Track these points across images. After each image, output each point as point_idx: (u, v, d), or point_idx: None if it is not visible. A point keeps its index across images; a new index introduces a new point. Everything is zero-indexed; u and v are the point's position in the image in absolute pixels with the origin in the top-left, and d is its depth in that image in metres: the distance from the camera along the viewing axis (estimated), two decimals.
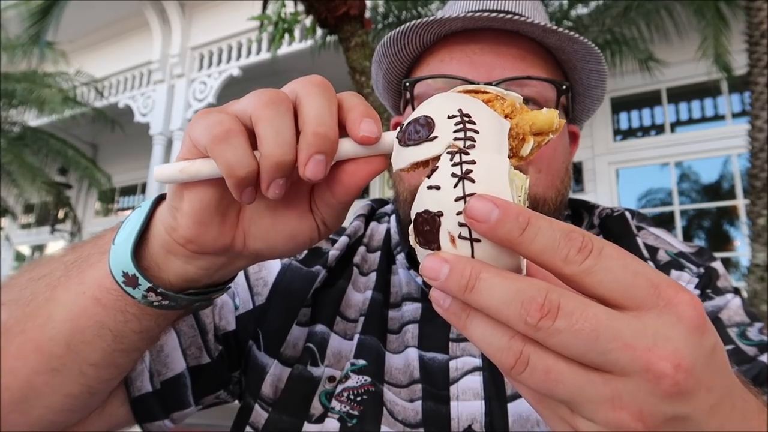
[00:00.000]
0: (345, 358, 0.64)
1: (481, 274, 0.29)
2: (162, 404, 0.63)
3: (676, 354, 0.27)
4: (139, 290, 0.44)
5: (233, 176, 0.37)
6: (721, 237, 5.74)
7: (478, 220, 0.29)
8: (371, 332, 0.65)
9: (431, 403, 0.60)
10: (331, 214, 0.44)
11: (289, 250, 0.45)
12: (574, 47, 0.68)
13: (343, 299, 0.70)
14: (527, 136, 0.36)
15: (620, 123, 5.93)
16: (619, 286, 0.28)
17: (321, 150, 0.36)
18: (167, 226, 0.43)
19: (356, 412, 0.59)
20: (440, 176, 0.31)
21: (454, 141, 0.33)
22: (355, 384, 0.61)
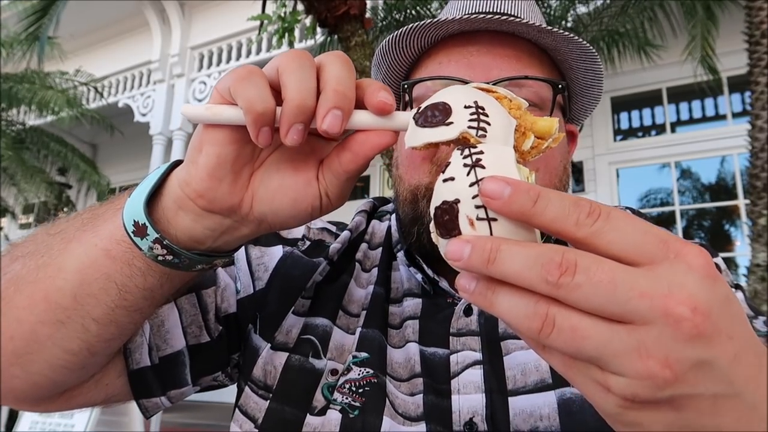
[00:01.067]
0: (347, 352, 0.65)
1: (501, 246, 0.30)
2: (159, 380, 0.63)
3: (691, 298, 0.27)
4: (146, 241, 0.46)
5: (252, 111, 0.40)
6: (721, 237, 5.73)
7: (493, 198, 0.31)
8: (373, 326, 0.66)
9: (432, 396, 0.61)
10: (335, 184, 0.46)
11: (291, 217, 0.47)
12: (569, 47, 0.69)
13: (345, 294, 0.70)
14: (528, 132, 0.40)
15: (620, 123, 5.93)
16: (629, 243, 0.29)
17: (339, 106, 0.40)
18: (181, 181, 0.46)
19: (358, 403, 0.60)
20: (453, 169, 0.34)
21: (468, 129, 0.36)
22: (357, 376, 0.62)
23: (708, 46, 4.05)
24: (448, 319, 0.66)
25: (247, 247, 0.71)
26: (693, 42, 4.13)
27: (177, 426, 5.12)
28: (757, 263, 3.14)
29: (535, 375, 0.60)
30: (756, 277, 3.13)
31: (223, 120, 0.43)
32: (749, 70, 3.37)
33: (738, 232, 5.48)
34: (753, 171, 3.25)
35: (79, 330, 0.50)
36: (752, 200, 3.24)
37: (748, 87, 3.42)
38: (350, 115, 0.41)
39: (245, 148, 0.45)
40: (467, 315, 0.66)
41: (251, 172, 0.47)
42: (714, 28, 4.07)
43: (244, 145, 0.45)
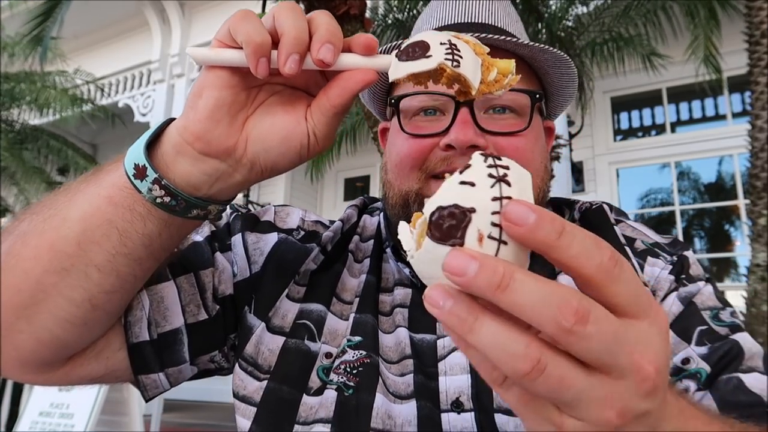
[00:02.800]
0: (341, 336, 0.69)
1: (516, 274, 0.28)
2: (158, 356, 0.65)
3: (656, 358, 0.30)
4: (146, 182, 0.50)
5: (251, 42, 0.45)
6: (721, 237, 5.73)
7: (516, 223, 0.29)
8: (366, 311, 0.71)
9: (421, 376, 0.65)
10: (322, 122, 0.50)
11: (281, 154, 0.51)
12: (545, 57, 0.74)
13: (339, 282, 0.75)
14: (492, 66, 0.46)
15: (620, 123, 5.93)
16: (632, 296, 0.30)
17: (331, 41, 0.46)
18: (180, 127, 0.50)
19: (352, 383, 0.64)
20: (475, 174, 0.31)
21: (444, 60, 0.42)
22: (351, 358, 0.66)
23: (711, 45, 4.05)
24: None
25: (244, 234, 0.75)
26: (696, 42, 4.13)
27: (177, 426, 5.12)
28: (757, 263, 3.14)
29: None
30: (756, 277, 3.13)
31: (224, 60, 0.48)
32: (749, 70, 3.37)
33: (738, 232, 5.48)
34: (753, 171, 3.25)
35: (81, 278, 0.52)
36: (752, 200, 3.24)
37: (748, 87, 3.42)
38: (340, 51, 0.47)
39: (241, 94, 0.50)
40: None
41: (246, 118, 0.51)
42: (717, 27, 4.07)
43: (240, 91, 0.49)
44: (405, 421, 0.62)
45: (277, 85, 0.53)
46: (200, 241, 0.73)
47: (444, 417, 0.62)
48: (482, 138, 0.67)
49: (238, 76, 0.49)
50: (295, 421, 0.64)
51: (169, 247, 0.57)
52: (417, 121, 0.73)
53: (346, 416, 0.62)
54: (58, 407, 3.30)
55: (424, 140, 0.70)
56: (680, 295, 0.69)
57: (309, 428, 0.63)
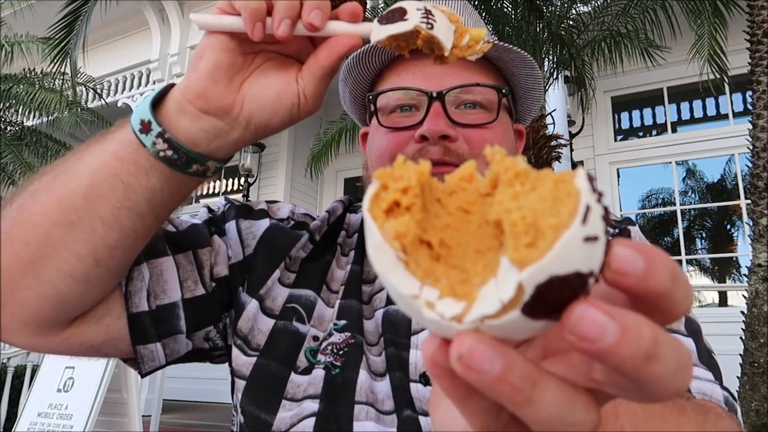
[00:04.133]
0: (327, 321, 0.75)
1: (660, 336, 0.21)
2: (155, 326, 0.69)
3: None
4: (150, 136, 0.54)
5: (248, 7, 0.50)
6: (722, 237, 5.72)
7: (626, 274, 0.22)
8: (350, 297, 0.76)
9: (392, 349, 0.70)
10: (311, 82, 0.54)
11: (274, 112, 0.55)
12: (510, 56, 0.81)
13: (328, 272, 0.80)
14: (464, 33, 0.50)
15: (621, 123, 5.92)
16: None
17: (320, 7, 0.50)
18: (182, 87, 0.55)
19: (339, 363, 0.70)
20: (595, 220, 0.22)
21: (420, 23, 0.47)
22: (338, 340, 0.72)
23: (716, 43, 4.03)
24: None
25: (237, 220, 0.79)
26: (700, 41, 4.11)
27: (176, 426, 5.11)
28: (758, 263, 3.13)
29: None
30: (757, 277, 3.11)
31: (224, 25, 0.53)
32: (751, 70, 3.36)
33: (739, 232, 5.47)
34: (754, 171, 3.24)
35: (87, 231, 0.56)
36: (753, 200, 3.23)
37: (750, 86, 3.41)
38: (328, 17, 0.51)
39: (238, 58, 0.54)
40: None
41: (243, 80, 0.56)
42: (721, 26, 4.05)
43: (238, 55, 0.54)
44: (385, 396, 0.67)
45: (272, 53, 0.58)
46: (199, 224, 0.78)
47: (413, 386, 0.67)
48: (453, 129, 0.74)
49: (236, 40, 0.53)
50: (282, 396, 0.69)
51: (169, 204, 0.60)
52: (394, 117, 0.79)
53: (333, 392, 0.68)
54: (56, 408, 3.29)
55: (400, 133, 0.77)
56: None
57: (298, 404, 0.68)
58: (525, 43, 4.23)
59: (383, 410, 0.66)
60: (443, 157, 0.74)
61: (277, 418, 0.67)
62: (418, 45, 0.50)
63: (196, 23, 0.53)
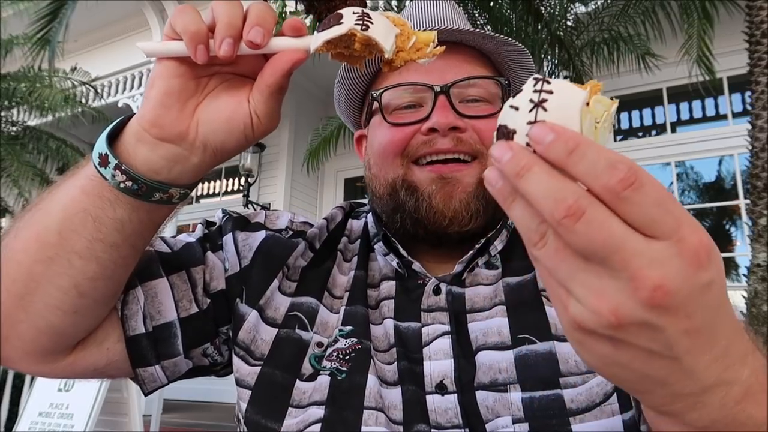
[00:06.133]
0: (332, 328, 0.74)
1: (534, 167, 0.33)
2: (153, 348, 0.70)
3: (663, 277, 0.31)
4: (109, 169, 0.55)
5: (187, 32, 0.50)
6: (721, 237, 5.73)
7: (537, 142, 0.34)
8: (356, 303, 0.75)
9: (406, 362, 0.69)
10: (260, 101, 0.54)
11: (227, 133, 0.56)
12: (508, 49, 0.81)
13: (330, 278, 0.80)
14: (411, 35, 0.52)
15: (621, 123, 5.92)
16: (645, 217, 0.32)
17: (261, 24, 0.51)
18: (138, 117, 0.56)
19: (345, 368, 0.69)
20: (521, 99, 0.37)
21: (354, 25, 0.48)
22: (343, 345, 0.71)
23: (705, 45, 4.03)
24: (420, 297, 0.75)
25: (234, 233, 0.80)
26: (689, 41, 4.12)
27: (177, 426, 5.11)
28: (757, 263, 3.14)
29: (497, 338, 0.69)
30: (756, 277, 3.12)
31: (170, 51, 0.53)
32: (749, 70, 3.36)
33: (738, 232, 5.48)
34: (753, 171, 3.25)
35: (65, 265, 0.57)
36: (752, 200, 3.24)
37: (749, 87, 3.41)
38: (270, 34, 0.52)
39: (190, 82, 0.55)
40: (436, 294, 0.75)
41: (197, 104, 0.56)
42: (710, 27, 4.05)
43: (189, 80, 0.54)
44: (391, 404, 0.66)
45: (226, 74, 0.58)
46: (192, 242, 0.79)
47: (429, 399, 0.67)
48: (461, 121, 0.74)
49: (186, 65, 0.54)
50: (289, 403, 0.68)
51: (142, 233, 0.60)
52: (398, 114, 0.78)
53: (340, 397, 0.67)
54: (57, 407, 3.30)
55: (405, 128, 0.76)
56: None
57: (304, 411, 0.67)
58: (524, 43, 4.24)
59: (394, 419, 0.65)
60: (455, 147, 0.73)
61: (283, 425, 0.67)
62: (357, 49, 0.51)
63: (143, 51, 0.54)
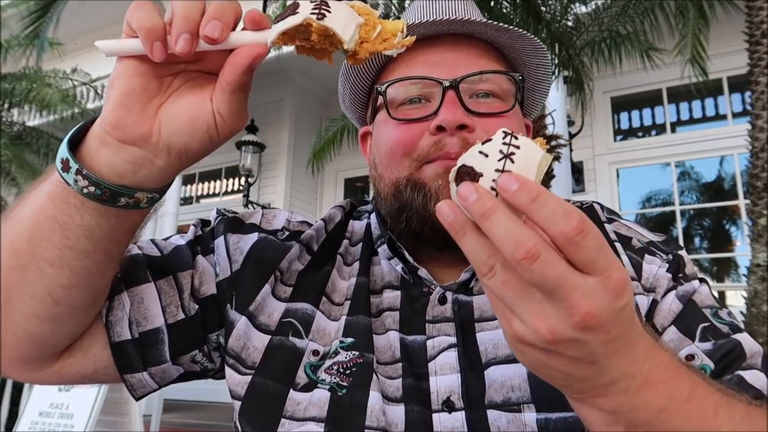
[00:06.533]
0: (329, 336, 0.71)
1: (498, 211, 0.39)
2: (140, 355, 0.68)
3: (592, 305, 0.39)
4: (71, 174, 0.53)
5: (142, 28, 0.48)
6: (721, 237, 5.73)
7: (504, 189, 0.40)
8: (358, 313, 0.72)
9: (411, 379, 0.66)
10: (222, 99, 0.51)
11: (190, 134, 0.53)
12: (522, 43, 0.77)
13: (328, 283, 0.76)
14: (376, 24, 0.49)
15: (620, 123, 5.93)
16: (587, 260, 0.39)
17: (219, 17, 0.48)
18: (100, 119, 0.53)
19: (346, 383, 0.66)
20: (491, 147, 0.42)
21: (309, 15, 0.45)
22: (344, 359, 0.68)
23: (699, 44, 4.03)
24: (425, 307, 0.72)
25: (226, 235, 0.77)
26: (683, 41, 4.11)
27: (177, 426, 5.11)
28: (757, 263, 3.14)
29: (507, 350, 0.66)
30: (756, 277, 3.12)
31: (128, 50, 0.50)
32: (749, 70, 3.36)
33: (738, 232, 5.48)
34: (753, 171, 3.25)
35: (38, 273, 0.56)
36: (752, 200, 3.24)
37: (749, 87, 3.41)
38: (229, 28, 0.49)
39: (152, 82, 0.52)
40: (442, 303, 0.72)
41: (159, 105, 0.53)
42: (705, 27, 4.05)
43: (151, 79, 0.52)
44: (394, 423, 0.63)
45: (192, 73, 0.55)
46: (182, 245, 0.76)
47: (435, 417, 0.64)
48: (470, 118, 0.70)
49: (147, 64, 0.51)
50: (282, 415, 0.65)
51: (115, 240, 0.58)
52: (404, 109, 0.74)
53: (340, 415, 0.63)
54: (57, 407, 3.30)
55: (413, 126, 0.72)
56: (678, 293, 0.70)
57: (300, 425, 0.64)
58: None
59: None
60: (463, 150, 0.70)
61: None
62: (315, 40, 0.47)
63: (101, 50, 0.51)
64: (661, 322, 0.68)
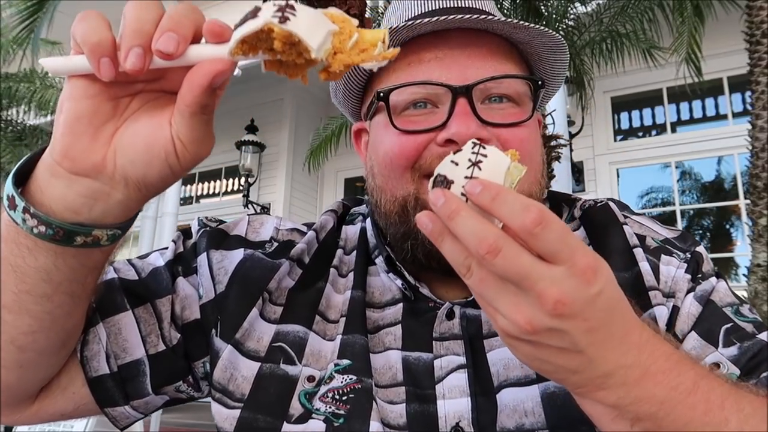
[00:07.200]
0: (325, 359, 0.65)
1: (462, 212, 0.42)
2: (120, 389, 0.64)
3: (562, 293, 0.40)
4: (18, 212, 0.47)
5: (87, 43, 0.42)
6: (721, 237, 5.73)
7: (470, 193, 0.43)
8: (354, 331, 0.66)
9: (416, 404, 0.62)
10: (181, 123, 0.45)
11: (147, 164, 0.46)
12: (542, 40, 0.70)
13: (322, 300, 0.70)
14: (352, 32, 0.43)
15: (621, 123, 5.92)
16: (549, 250, 0.41)
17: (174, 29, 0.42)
18: (50, 148, 0.47)
19: (343, 411, 0.60)
20: (462, 157, 0.46)
21: (271, 18, 0.39)
22: (340, 384, 0.62)
23: (695, 44, 4.02)
24: (431, 322, 0.67)
25: (209, 252, 0.70)
26: (680, 39, 4.10)
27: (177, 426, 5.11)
28: (757, 263, 3.14)
29: (519, 371, 0.62)
30: (756, 277, 3.12)
31: (75, 68, 0.44)
32: (750, 70, 3.36)
33: (738, 232, 5.47)
34: (753, 171, 3.25)
35: None
36: (753, 200, 3.24)
37: (749, 87, 3.41)
38: (186, 41, 0.43)
39: (105, 104, 0.46)
40: (449, 318, 0.67)
41: (114, 130, 0.47)
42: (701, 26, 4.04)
43: (104, 101, 0.46)
44: None
45: (152, 93, 0.48)
46: (160, 267, 0.69)
47: None
48: (485, 130, 0.63)
49: (98, 84, 0.44)
50: None
51: (77, 279, 0.52)
52: (407, 115, 0.67)
53: None
54: None
55: (417, 136, 0.65)
56: (697, 294, 0.66)
57: None
58: None
59: None
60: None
61: None
62: (277, 49, 0.41)
63: (46, 68, 0.45)
64: (681, 327, 0.64)
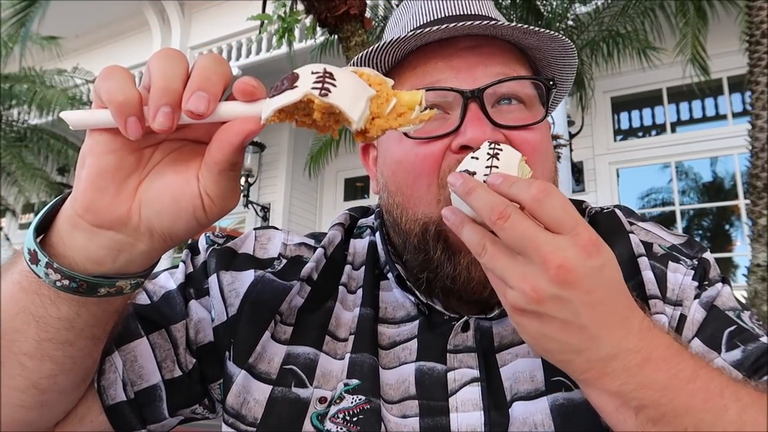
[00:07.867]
0: (336, 378, 0.65)
1: (478, 188, 0.50)
2: (137, 414, 0.63)
3: (564, 259, 0.45)
4: (40, 267, 0.46)
5: (113, 101, 0.41)
6: (721, 237, 5.73)
7: (491, 183, 0.51)
8: (362, 349, 0.66)
9: (429, 418, 0.61)
10: (210, 179, 0.45)
11: (174, 216, 0.46)
12: (552, 45, 0.70)
13: (331, 319, 0.69)
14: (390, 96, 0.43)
15: (621, 123, 5.92)
16: (553, 218, 0.47)
17: (204, 88, 0.42)
18: (71, 199, 0.47)
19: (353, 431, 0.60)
20: (481, 152, 0.56)
21: (311, 89, 0.38)
22: (350, 404, 0.62)
23: (699, 44, 4.03)
24: (446, 334, 0.67)
25: (219, 273, 0.70)
26: (684, 40, 4.11)
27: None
28: (757, 263, 3.14)
29: (529, 384, 0.62)
30: (756, 277, 3.12)
31: (98, 122, 0.43)
32: (749, 70, 3.36)
33: (738, 232, 5.47)
34: (753, 171, 3.25)
35: (17, 367, 0.50)
36: (752, 200, 3.24)
37: (749, 87, 3.41)
38: (217, 99, 0.42)
39: (128, 157, 0.45)
40: (464, 331, 0.67)
41: (138, 182, 0.47)
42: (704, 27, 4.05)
43: (127, 154, 0.45)
44: None
45: (175, 142, 0.48)
46: (172, 291, 0.69)
47: None
48: (499, 133, 0.63)
49: (121, 138, 0.44)
50: None
51: (98, 324, 0.52)
52: None
53: None
54: None
55: (433, 144, 0.64)
56: (702, 300, 0.66)
57: None
58: None
59: None
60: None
61: None
62: (317, 119, 0.40)
63: (67, 121, 0.44)
64: (686, 334, 0.64)
